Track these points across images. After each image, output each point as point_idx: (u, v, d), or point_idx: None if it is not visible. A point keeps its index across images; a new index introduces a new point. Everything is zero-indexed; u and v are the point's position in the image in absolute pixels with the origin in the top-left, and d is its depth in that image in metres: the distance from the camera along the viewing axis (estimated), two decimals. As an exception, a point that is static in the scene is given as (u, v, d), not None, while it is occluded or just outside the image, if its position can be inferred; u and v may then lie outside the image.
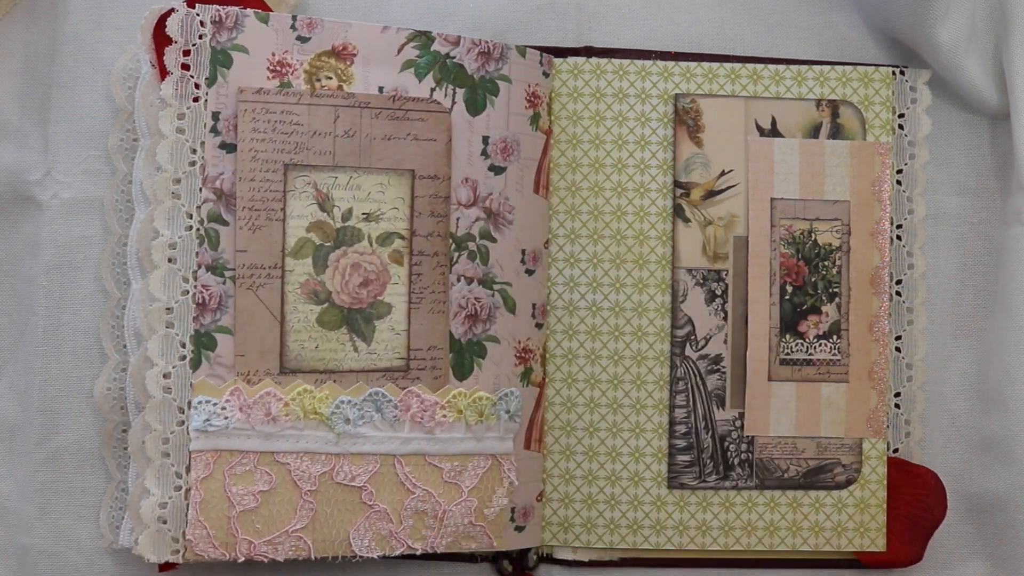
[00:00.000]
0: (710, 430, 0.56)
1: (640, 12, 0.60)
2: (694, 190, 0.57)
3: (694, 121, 0.57)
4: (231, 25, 0.52)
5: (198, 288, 0.52)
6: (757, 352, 0.57)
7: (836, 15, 0.60)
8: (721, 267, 0.56)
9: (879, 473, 0.57)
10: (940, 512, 0.57)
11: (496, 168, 0.55)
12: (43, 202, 0.56)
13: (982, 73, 0.58)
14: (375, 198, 0.53)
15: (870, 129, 0.58)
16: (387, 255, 0.53)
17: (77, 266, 0.56)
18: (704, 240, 0.56)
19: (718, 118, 0.57)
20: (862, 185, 0.58)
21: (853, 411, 0.57)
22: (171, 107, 0.52)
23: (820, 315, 0.57)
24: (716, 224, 0.57)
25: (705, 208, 0.57)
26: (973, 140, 0.60)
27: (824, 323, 0.57)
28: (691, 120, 0.57)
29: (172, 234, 0.52)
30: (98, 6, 0.57)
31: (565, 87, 0.58)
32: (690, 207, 0.57)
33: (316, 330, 0.52)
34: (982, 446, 0.58)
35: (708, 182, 0.57)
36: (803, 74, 0.58)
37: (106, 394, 0.54)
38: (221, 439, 0.51)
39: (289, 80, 0.53)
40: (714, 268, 0.56)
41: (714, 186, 0.57)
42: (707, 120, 0.57)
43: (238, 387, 0.52)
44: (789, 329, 0.57)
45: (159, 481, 0.51)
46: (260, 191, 0.52)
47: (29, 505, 0.55)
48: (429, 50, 0.54)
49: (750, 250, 0.57)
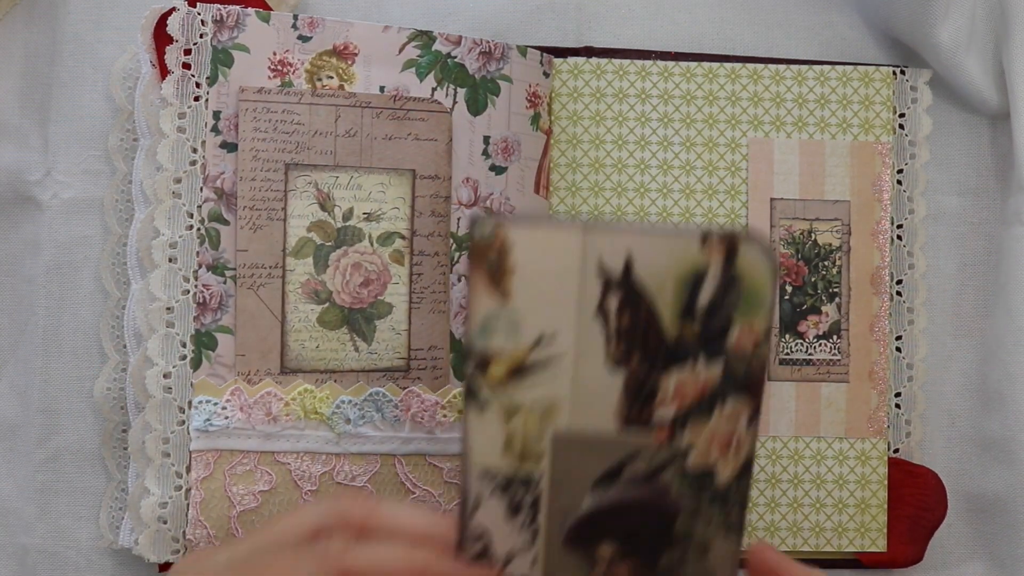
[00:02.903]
0: None
1: (640, 12, 0.60)
2: (496, 364, 0.37)
3: (497, 260, 0.36)
4: (232, 24, 0.52)
5: (199, 288, 0.52)
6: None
7: (836, 15, 0.60)
8: (531, 469, 0.39)
9: (879, 473, 0.57)
10: (940, 512, 0.57)
11: (497, 168, 0.55)
12: (43, 202, 0.56)
13: (982, 73, 0.58)
14: (376, 198, 0.53)
15: (870, 129, 0.58)
16: (388, 255, 0.53)
17: (77, 266, 0.56)
18: (507, 434, 0.38)
19: (537, 258, 0.36)
20: (862, 185, 0.58)
21: (853, 411, 0.57)
22: (172, 106, 0.52)
23: (820, 315, 0.57)
24: (527, 412, 0.38)
25: (511, 391, 0.37)
26: (973, 140, 0.60)
27: (824, 323, 0.57)
28: (492, 258, 0.36)
29: (172, 233, 0.52)
30: (98, 6, 0.57)
31: (565, 87, 0.58)
32: (489, 388, 0.37)
33: (317, 330, 0.52)
34: (982, 446, 0.58)
35: (516, 353, 0.37)
36: (803, 74, 0.58)
37: (106, 394, 0.54)
38: (221, 439, 0.51)
39: (290, 79, 0.53)
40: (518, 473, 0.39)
41: (525, 360, 0.37)
42: (520, 258, 0.36)
43: (239, 387, 0.52)
44: (789, 329, 0.57)
45: (159, 481, 0.51)
46: (261, 191, 0.52)
47: (29, 505, 0.55)
48: (430, 50, 0.54)
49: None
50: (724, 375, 0.37)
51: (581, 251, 0.36)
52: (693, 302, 0.36)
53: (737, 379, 0.37)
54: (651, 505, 0.38)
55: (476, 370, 0.37)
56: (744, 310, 0.36)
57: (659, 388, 0.37)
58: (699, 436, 0.37)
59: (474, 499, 0.39)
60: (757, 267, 0.36)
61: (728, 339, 0.36)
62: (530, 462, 0.38)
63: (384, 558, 0.38)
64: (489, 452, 0.38)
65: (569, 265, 0.36)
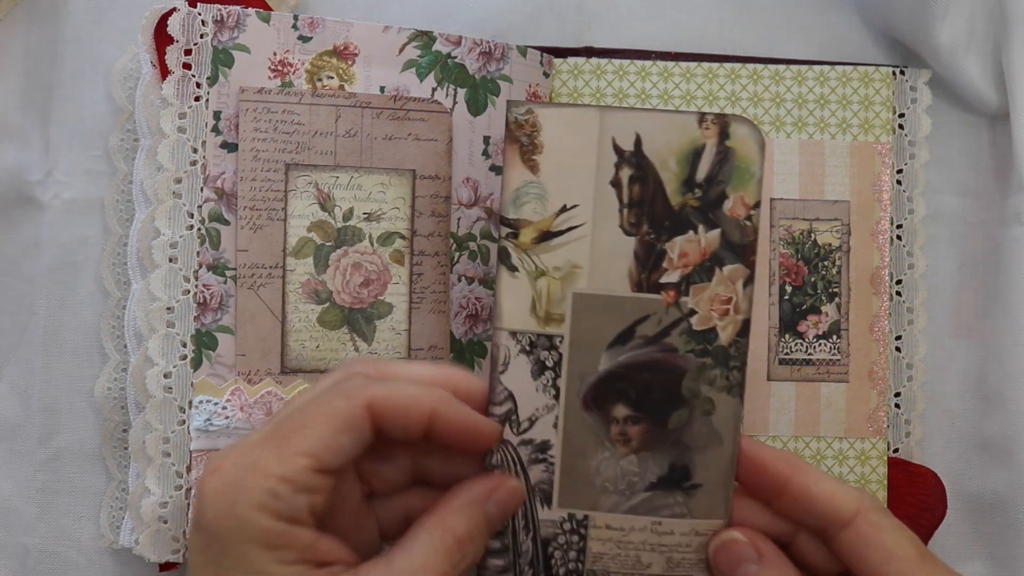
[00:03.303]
0: (531, 531, 0.44)
1: (640, 12, 0.60)
2: (525, 230, 0.43)
3: (529, 139, 0.42)
4: (233, 24, 0.52)
5: (199, 287, 0.52)
6: (756, 352, 0.57)
7: (836, 15, 0.60)
8: (554, 331, 0.43)
9: (879, 473, 0.57)
10: (940, 512, 0.57)
11: (497, 168, 0.55)
12: (44, 202, 0.56)
13: (982, 73, 0.58)
14: (376, 198, 0.53)
15: (870, 130, 0.58)
16: (388, 255, 0.53)
17: (78, 266, 0.56)
18: (534, 296, 0.43)
19: (562, 136, 0.42)
20: (862, 185, 0.58)
21: (853, 411, 0.57)
22: (172, 106, 0.52)
23: (820, 315, 0.57)
24: (551, 275, 0.43)
25: (539, 254, 0.43)
26: (972, 140, 0.60)
27: (824, 323, 0.57)
28: (525, 137, 0.42)
29: (173, 233, 0.52)
30: (99, 6, 0.57)
31: (565, 87, 0.58)
32: (518, 252, 0.43)
33: (317, 330, 0.52)
34: (982, 446, 0.58)
35: (543, 220, 0.43)
36: (803, 74, 0.58)
37: (107, 394, 0.54)
38: (222, 438, 0.51)
39: (291, 80, 0.53)
40: (543, 333, 0.43)
41: (551, 226, 0.43)
42: (547, 138, 0.42)
43: (239, 387, 0.52)
44: (788, 329, 0.57)
45: (160, 481, 0.51)
46: (261, 191, 0.52)
47: (29, 505, 0.55)
48: (430, 50, 0.54)
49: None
50: (721, 241, 0.42)
51: (599, 130, 0.42)
52: (693, 174, 0.42)
53: (733, 245, 0.42)
54: (660, 364, 0.43)
55: (508, 237, 0.43)
56: (736, 182, 0.42)
57: (665, 253, 0.42)
58: (701, 298, 0.42)
59: (503, 358, 0.43)
60: (747, 143, 0.42)
61: (724, 208, 0.42)
62: (553, 324, 0.43)
63: (404, 391, 0.41)
64: (517, 314, 0.43)
65: (588, 143, 0.42)
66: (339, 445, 0.39)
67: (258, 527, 0.38)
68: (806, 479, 0.43)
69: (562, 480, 0.44)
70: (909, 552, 0.42)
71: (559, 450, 0.43)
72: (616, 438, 0.43)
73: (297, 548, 0.38)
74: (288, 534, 0.38)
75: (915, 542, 0.43)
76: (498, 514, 0.42)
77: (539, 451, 0.44)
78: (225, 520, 0.38)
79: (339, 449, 0.39)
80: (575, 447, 0.43)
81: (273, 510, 0.38)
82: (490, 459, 0.44)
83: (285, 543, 0.38)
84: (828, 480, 0.43)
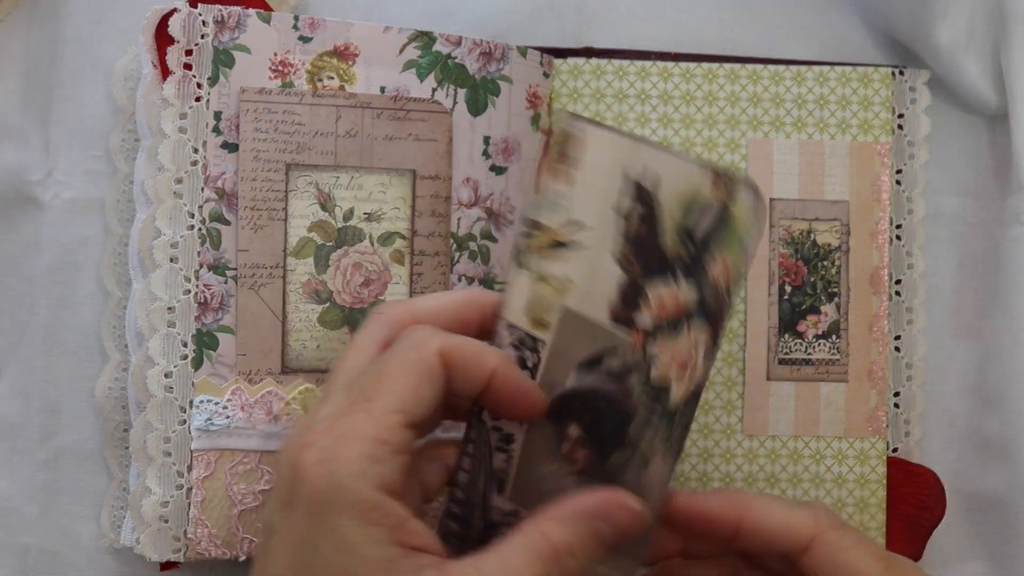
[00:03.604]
0: (481, 513, 0.45)
1: (640, 12, 0.60)
2: (541, 234, 0.43)
3: (574, 152, 0.43)
4: (233, 25, 0.52)
5: (200, 287, 0.52)
6: (755, 352, 0.57)
7: (836, 15, 0.61)
8: (540, 335, 0.43)
9: (879, 473, 0.57)
10: (939, 512, 0.57)
11: (497, 168, 0.55)
12: (44, 202, 0.56)
13: (981, 73, 0.58)
14: (376, 198, 0.53)
15: (869, 130, 0.58)
16: (388, 255, 0.53)
17: (78, 266, 0.56)
18: (530, 296, 0.44)
19: (597, 156, 0.42)
20: (861, 185, 0.58)
21: (852, 411, 0.57)
22: (173, 107, 0.52)
23: (819, 315, 0.58)
24: (549, 283, 0.43)
25: (545, 260, 0.43)
26: (972, 140, 0.60)
27: (823, 323, 0.57)
28: (570, 149, 0.43)
29: (174, 233, 0.52)
30: (99, 7, 0.57)
31: (565, 87, 0.58)
32: (531, 253, 0.44)
33: (317, 330, 0.53)
34: (982, 446, 0.58)
35: (558, 230, 0.43)
36: (803, 74, 0.58)
37: (107, 394, 0.54)
38: (223, 438, 0.52)
39: (291, 80, 0.53)
40: (532, 334, 0.44)
41: (561, 236, 0.43)
42: (585, 155, 0.43)
43: (240, 386, 0.52)
44: (788, 329, 0.57)
45: (160, 480, 0.51)
46: (262, 191, 0.52)
47: (30, 504, 0.55)
48: (431, 50, 0.54)
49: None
50: (697, 301, 0.41)
51: (629, 160, 0.42)
52: (693, 228, 0.41)
53: (706, 308, 0.41)
54: (615, 401, 0.42)
55: (525, 235, 0.44)
56: (726, 247, 0.41)
57: (646, 295, 0.42)
58: (665, 351, 0.41)
59: (497, 344, 0.44)
60: (747, 211, 0.40)
61: (708, 269, 0.41)
62: (540, 328, 0.43)
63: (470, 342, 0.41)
64: (516, 308, 0.44)
65: (616, 169, 0.42)
66: (423, 395, 0.40)
67: (356, 496, 0.37)
68: (756, 515, 0.42)
69: (516, 476, 0.44)
70: (872, 567, 0.41)
71: (519, 448, 0.44)
72: (565, 454, 0.43)
73: (390, 526, 0.37)
74: (383, 507, 0.37)
75: (878, 555, 0.42)
76: (611, 533, 0.40)
77: (504, 441, 0.44)
78: (324, 491, 0.37)
79: (423, 400, 0.40)
80: (531, 450, 0.44)
81: (372, 477, 0.37)
82: (468, 432, 0.45)
83: (380, 518, 0.37)
84: (779, 508, 0.43)
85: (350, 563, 0.37)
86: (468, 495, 0.45)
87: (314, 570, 0.38)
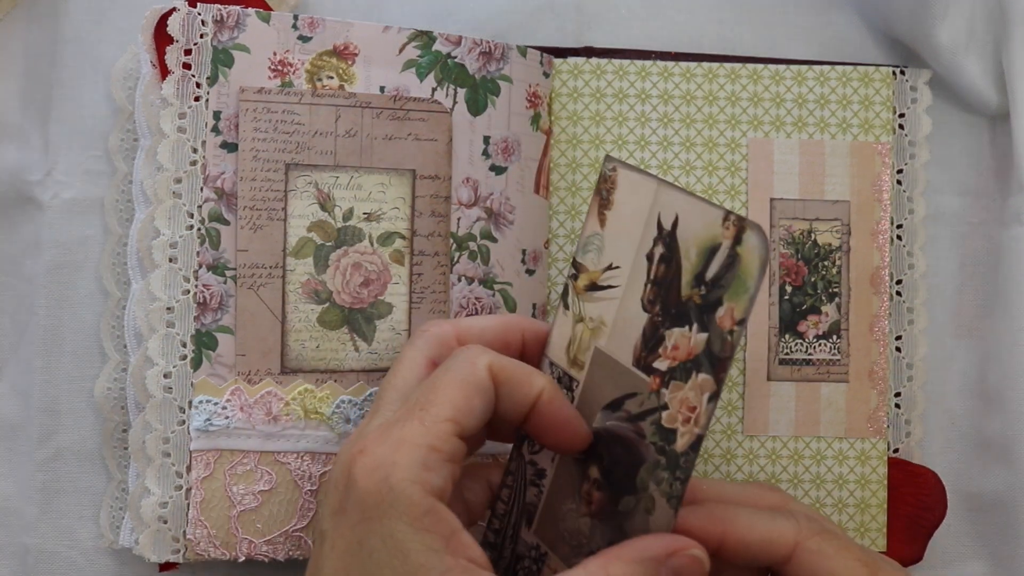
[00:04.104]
0: (511, 544, 0.47)
1: (640, 12, 0.60)
2: (582, 276, 0.45)
3: (607, 194, 0.44)
4: (232, 24, 0.52)
5: (199, 287, 0.52)
6: (756, 352, 0.57)
7: (836, 15, 0.60)
8: (576, 375, 0.45)
9: (879, 473, 0.57)
10: (940, 512, 0.57)
11: (497, 168, 0.55)
12: (44, 202, 0.56)
13: (982, 73, 0.58)
14: (376, 198, 0.53)
15: (870, 130, 0.58)
16: (388, 255, 0.53)
17: (78, 266, 0.56)
18: (571, 337, 0.45)
19: (628, 198, 0.44)
20: (862, 185, 0.58)
21: (853, 411, 0.57)
22: (172, 106, 0.52)
23: (820, 315, 0.57)
24: (586, 324, 0.45)
25: (584, 302, 0.45)
26: (973, 140, 0.60)
27: (824, 323, 0.57)
28: (605, 191, 0.44)
29: (173, 233, 0.52)
30: (98, 6, 0.57)
31: (565, 87, 0.58)
32: (573, 294, 0.45)
33: (317, 330, 0.52)
34: (982, 446, 0.58)
35: (595, 272, 0.45)
36: (803, 74, 0.58)
37: (107, 394, 0.54)
38: (222, 439, 0.51)
39: (290, 80, 0.53)
40: (568, 373, 0.45)
41: (598, 279, 0.45)
42: (618, 197, 0.44)
43: (239, 387, 0.52)
44: (789, 329, 0.57)
45: (160, 481, 0.51)
46: (261, 191, 0.52)
47: (29, 505, 0.55)
48: (430, 50, 0.54)
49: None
50: (705, 347, 0.40)
51: (652, 202, 0.42)
52: (705, 271, 0.40)
53: (712, 355, 0.39)
54: (630, 445, 0.42)
55: (571, 277, 0.45)
56: (733, 292, 0.39)
57: (664, 338, 0.41)
58: (675, 396, 0.41)
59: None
60: (753, 254, 0.39)
61: (716, 314, 0.40)
62: (576, 368, 0.45)
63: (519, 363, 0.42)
64: (558, 347, 0.46)
65: (643, 211, 0.42)
66: (473, 407, 0.40)
67: (410, 500, 0.37)
68: (738, 529, 0.42)
69: (542, 511, 0.45)
70: (856, 572, 0.41)
71: (548, 484, 0.45)
72: (584, 495, 0.44)
73: (443, 534, 0.38)
74: (437, 513, 0.38)
75: (862, 560, 0.42)
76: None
77: (537, 476, 0.46)
78: (377, 496, 0.38)
79: (474, 411, 0.40)
80: (557, 487, 0.45)
81: (425, 482, 0.38)
82: (509, 464, 0.46)
83: (432, 524, 0.37)
84: (760, 521, 0.43)
85: (404, 569, 0.37)
86: (503, 525, 0.46)
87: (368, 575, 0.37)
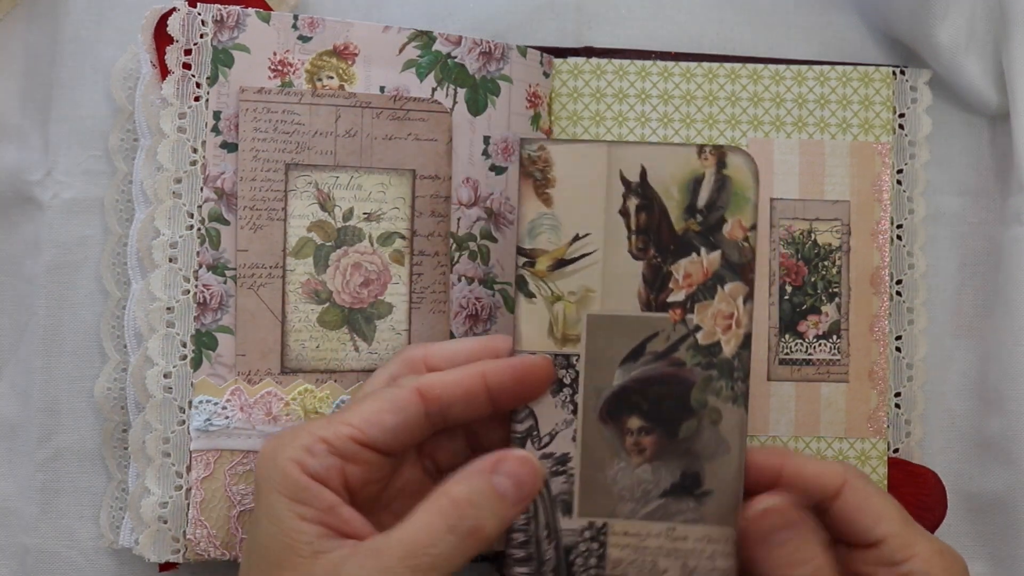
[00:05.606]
0: (553, 540, 0.47)
1: (640, 12, 0.60)
2: (540, 259, 0.46)
3: (542, 173, 0.46)
4: (232, 24, 0.52)
5: (199, 287, 0.52)
6: (756, 352, 0.57)
7: (836, 15, 0.60)
8: (571, 351, 0.46)
9: (879, 473, 0.57)
10: (940, 512, 0.57)
11: (497, 168, 0.55)
12: (43, 202, 0.56)
13: (982, 73, 0.58)
14: (376, 198, 0.53)
15: (870, 130, 0.58)
16: (388, 255, 0.53)
17: (77, 266, 0.56)
18: (551, 319, 0.46)
19: (572, 170, 0.46)
20: (862, 185, 0.58)
21: (853, 411, 0.57)
22: (172, 106, 0.52)
23: (820, 315, 0.57)
24: (566, 300, 0.46)
25: (554, 280, 0.47)
26: (973, 140, 0.60)
27: (824, 323, 0.57)
28: (538, 172, 0.46)
29: (173, 233, 0.52)
30: (98, 6, 0.57)
31: (565, 87, 0.58)
32: (535, 279, 0.47)
33: (317, 330, 0.52)
34: (982, 446, 0.58)
35: (558, 249, 0.46)
36: (803, 74, 0.58)
37: (106, 394, 0.54)
38: (222, 439, 0.51)
39: (290, 80, 0.53)
40: (561, 353, 0.46)
41: (564, 254, 0.46)
42: (559, 172, 0.46)
43: (239, 387, 0.52)
44: (788, 329, 0.57)
45: (159, 481, 0.51)
46: (261, 191, 0.52)
47: (29, 505, 0.55)
48: (430, 50, 0.54)
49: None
50: (722, 261, 0.45)
51: (607, 164, 0.46)
52: (694, 202, 0.45)
53: (732, 264, 0.46)
54: (670, 378, 0.46)
55: (525, 266, 0.46)
56: (734, 207, 0.45)
57: (671, 275, 0.46)
58: (705, 315, 0.45)
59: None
60: (742, 171, 0.45)
61: (723, 231, 0.45)
62: (569, 344, 0.46)
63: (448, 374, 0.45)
64: (536, 336, 0.46)
65: (598, 176, 0.46)
66: (382, 421, 0.43)
67: (286, 477, 0.42)
68: (795, 464, 0.46)
69: (582, 490, 0.46)
70: (894, 514, 0.46)
71: (578, 462, 0.46)
72: (631, 448, 0.46)
73: (318, 507, 0.42)
74: (311, 490, 0.42)
75: (899, 506, 0.46)
76: (511, 486, 0.43)
77: (559, 464, 0.46)
78: (265, 470, 0.43)
79: (382, 425, 0.43)
80: (593, 458, 0.46)
81: (304, 465, 0.42)
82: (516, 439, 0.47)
83: (307, 499, 0.42)
84: (814, 460, 0.47)
85: (280, 536, 0.42)
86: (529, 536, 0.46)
87: (256, 541, 0.43)
